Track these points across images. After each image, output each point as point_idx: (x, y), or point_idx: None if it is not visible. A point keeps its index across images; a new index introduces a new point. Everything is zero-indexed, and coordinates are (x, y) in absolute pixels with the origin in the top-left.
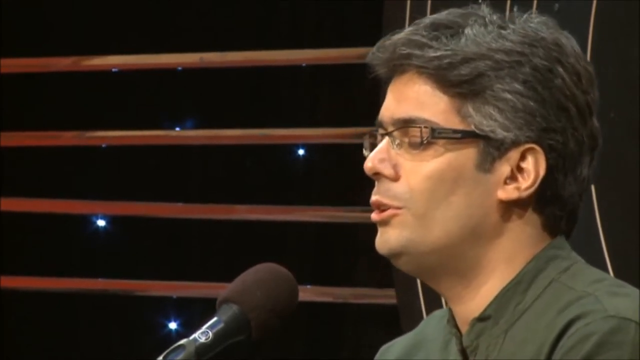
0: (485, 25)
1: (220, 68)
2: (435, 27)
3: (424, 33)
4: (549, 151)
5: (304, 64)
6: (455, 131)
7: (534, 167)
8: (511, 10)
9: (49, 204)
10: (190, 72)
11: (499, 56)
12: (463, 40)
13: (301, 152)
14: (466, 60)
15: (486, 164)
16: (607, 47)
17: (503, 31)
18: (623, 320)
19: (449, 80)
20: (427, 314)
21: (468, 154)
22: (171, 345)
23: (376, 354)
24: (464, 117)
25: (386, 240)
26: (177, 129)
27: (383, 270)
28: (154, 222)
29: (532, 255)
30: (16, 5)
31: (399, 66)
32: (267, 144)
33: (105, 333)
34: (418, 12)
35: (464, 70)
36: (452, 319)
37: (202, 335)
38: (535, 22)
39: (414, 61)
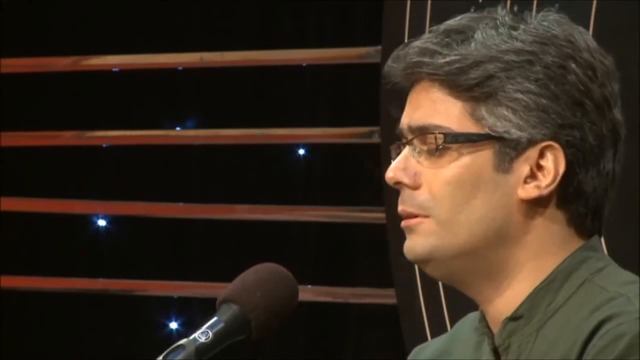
0: (496, 28)
1: (221, 68)
2: (447, 33)
3: (435, 40)
4: (567, 147)
5: (304, 64)
6: (469, 135)
7: (553, 164)
8: (511, 10)
9: (49, 204)
10: (190, 72)
11: (508, 57)
12: (473, 44)
13: (302, 151)
14: (476, 63)
15: (504, 164)
16: (607, 47)
17: (514, 32)
18: None
19: (459, 85)
20: (427, 314)
21: (485, 157)
22: (171, 345)
23: (376, 353)
24: (477, 120)
25: (412, 247)
26: (178, 128)
27: (383, 270)
28: (154, 222)
29: (561, 253)
30: (16, 5)
31: (411, 75)
32: (268, 143)
33: (106, 333)
34: (418, 12)
35: (474, 73)
36: (483, 319)
37: (202, 335)
38: (548, 20)
39: (424, 69)
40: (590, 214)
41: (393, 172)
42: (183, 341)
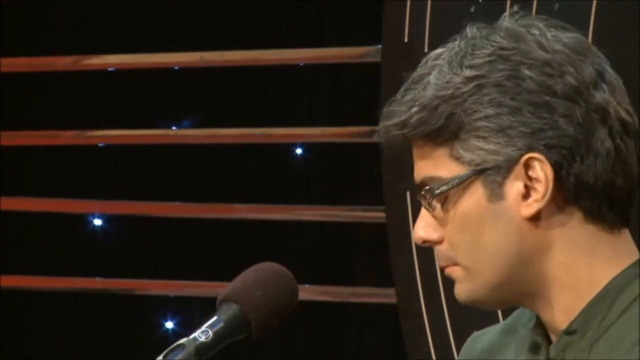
0: (450, 61)
1: (220, 67)
2: (409, 85)
3: (399, 98)
4: (547, 150)
5: (304, 64)
6: (453, 178)
7: (541, 172)
8: (511, 10)
9: (49, 204)
10: (190, 72)
11: (459, 90)
12: (428, 90)
13: (301, 151)
14: (433, 108)
15: (496, 192)
16: (607, 47)
17: (465, 60)
18: None
19: (429, 134)
20: (427, 313)
21: (476, 192)
22: (171, 344)
23: (376, 352)
24: (458, 159)
25: (457, 293)
26: (174, 128)
27: (383, 269)
28: (153, 222)
29: (595, 257)
30: (16, 5)
31: (399, 140)
32: (267, 143)
33: (106, 333)
34: (418, 12)
35: (434, 119)
36: (540, 326)
37: (202, 334)
38: (496, 33)
39: (398, 133)
40: (603, 204)
41: (419, 232)
42: (183, 340)
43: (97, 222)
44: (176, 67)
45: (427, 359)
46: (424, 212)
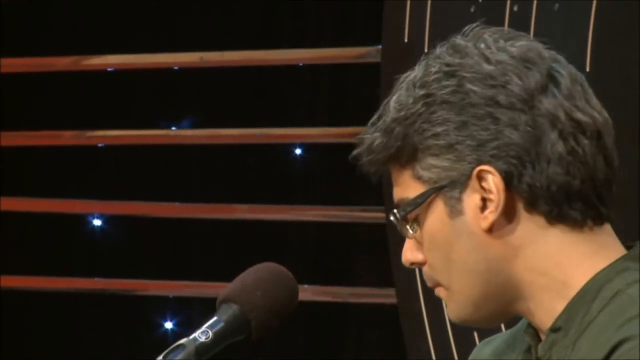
0: (408, 82)
1: (220, 67)
2: (381, 110)
3: (369, 124)
4: (495, 161)
5: (304, 64)
6: (415, 199)
7: (493, 183)
8: (511, 10)
9: (49, 204)
10: (190, 72)
11: (409, 110)
12: (389, 113)
13: (301, 151)
14: (389, 132)
15: (455, 208)
16: (607, 47)
17: (418, 81)
18: None
19: (391, 157)
20: (427, 313)
21: (438, 211)
22: (171, 345)
23: (376, 353)
24: (419, 180)
25: (449, 315)
26: (173, 128)
27: (383, 270)
28: (154, 222)
29: (565, 254)
30: (16, 5)
31: (368, 166)
32: (267, 143)
33: (106, 333)
34: (418, 12)
35: (391, 142)
36: (531, 327)
37: (202, 334)
38: (446, 50)
39: (366, 159)
40: (564, 205)
41: (406, 254)
42: (183, 341)
43: (97, 222)
44: (176, 67)
45: (427, 359)
46: (406, 236)
